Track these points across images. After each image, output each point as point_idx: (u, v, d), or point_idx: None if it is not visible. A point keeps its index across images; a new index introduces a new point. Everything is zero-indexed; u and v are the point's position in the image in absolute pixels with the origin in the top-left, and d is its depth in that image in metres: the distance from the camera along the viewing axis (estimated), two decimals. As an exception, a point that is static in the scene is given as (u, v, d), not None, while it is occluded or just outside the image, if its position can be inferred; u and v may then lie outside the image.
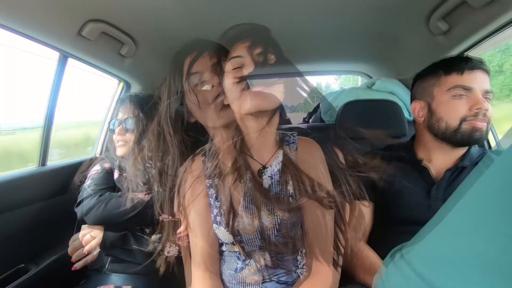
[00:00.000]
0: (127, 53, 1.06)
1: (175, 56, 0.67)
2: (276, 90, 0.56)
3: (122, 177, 0.95)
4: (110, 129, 1.01)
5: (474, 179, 0.22)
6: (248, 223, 0.59)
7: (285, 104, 0.61)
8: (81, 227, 0.89)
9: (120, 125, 0.97)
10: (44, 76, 1.00)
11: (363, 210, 0.82)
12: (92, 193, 0.89)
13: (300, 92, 0.59)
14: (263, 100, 0.54)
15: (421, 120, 0.84)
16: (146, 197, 0.86)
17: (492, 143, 1.15)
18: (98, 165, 0.99)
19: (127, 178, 0.94)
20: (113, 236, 0.88)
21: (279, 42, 0.58)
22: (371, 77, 1.76)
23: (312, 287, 0.58)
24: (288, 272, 0.63)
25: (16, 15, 0.73)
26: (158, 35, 1.04)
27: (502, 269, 0.18)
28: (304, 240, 0.61)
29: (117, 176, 0.96)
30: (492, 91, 0.76)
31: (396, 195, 0.82)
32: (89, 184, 0.92)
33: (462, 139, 0.76)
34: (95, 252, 0.86)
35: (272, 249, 0.61)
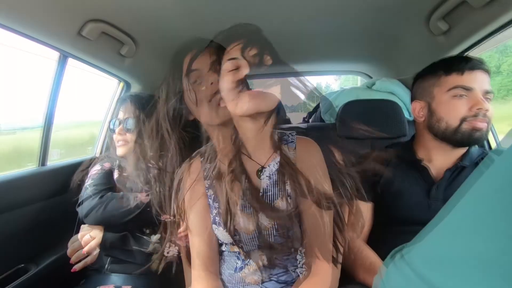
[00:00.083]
0: (127, 53, 1.06)
1: (175, 54, 0.67)
2: (273, 91, 0.55)
3: (122, 177, 0.95)
4: (110, 129, 1.01)
5: (475, 180, 0.22)
6: (247, 223, 0.59)
7: (285, 104, 0.61)
8: (81, 227, 0.90)
9: (121, 125, 0.97)
10: (44, 76, 1.00)
11: (362, 210, 0.82)
12: (93, 194, 0.89)
13: (298, 92, 0.59)
14: (260, 102, 0.54)
15: (421, 120, 0.84)
16: (147, 198, 0.86)
17: (492, 143, 1.15)
18: (99, 165, 0.99)
19: (129, 178, 0.94)
20: (113, 237, 0.88)
21: (279, 42, 0.58)
22: (371, 77, 1.76)
23: (312, 287, 0.58)
24: (288, 272, 0.63)
25: (16, 15, 0.73)
26: (158, 35, 1.04)
27: (502, 269, 0.18)
28: (303, 240, 0.61)
29: (117, 176, 0.96)
30: (493, 91, 0.76)
31: (396, 195, 0.82)
32: (90, 184, 0.92)
33: (462, 139, 0.76)
34: (95, 253, 0.86)
35: (271, 249, 0.60)
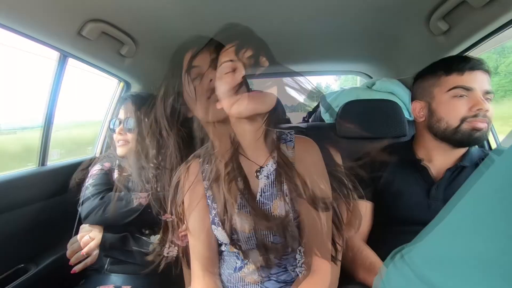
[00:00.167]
0: (127, 53, 1.06)
1: (176, 51, 0.67)
2: (272, 91, 0.55)
3: (122, 177, 0.95)
4: (111, 129, 1.01)
5: (475, 180, 0.22)
6: (245, 224, 0.59)
7: (285, 104, 0.61)
8: (80, 228, 0.89)
9: (121, 125, 0.97)
10: (44, 76, 1.00)
11: (362, 209, 0.82)
12: (94, 194, 0.89)
13: (297, 92, 0.59)
14: (257, 103, 0.54)
15: (421, 120, 0.84)
16: (147, 198, 0.86)
17: (492, 143, 1.15)
18: (99, 164, 0.99)
19: (129, 178, 0.94)
20: (113, 238, 0.88)
21: (279, 42, 0.58)
22: (371, 77, 1.76)
23: (312, 286, 0.58)
24: (287, 271, 0.63)
25: (16, 15, 0.73)
26: (158, 35, 1.04)
27: (503, 270, 0.18)
28: (302, 239, 0.61)
29: (117, 176, 0.96)
30: (493, 92, 0.76)
31: (396, 195, 0.82)
32: (91, 184, 0.92)
33: (462, 139, 0.76)
34: (94, 253, 0.86)
35: (270, 249, 0.60)
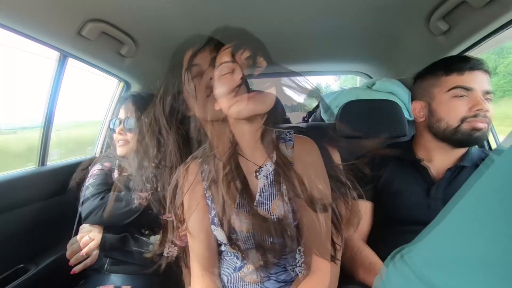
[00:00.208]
0: (127, 53, 1.06)
1: (176, 49, 0.67)
2: (269, 92, 0.55)
3: (122, 177, 0.95)
4: (111, 129, 1.01)
5: (475, 180, 0.22)
6: (245, 224, 0.59)
7: (285, 104, 0.61)
8: (80, 228, 0.89)
9: (121, 125, 0.97)
10: (44, 76, 1.00)
11: (361, 209, 0.82)
12: (94, 194, 0.89)
13: (296, 92, 0.59)
14: (256, 105, 0.54)
15: (421, 120, 0.84)
16: (146, 200, 0.86)
17: (492, 144, 1.15)
18: (99, 164, 0.98)
19: (129, 178, 0.93)
20: (112, 238, 0.88)
21: (279, 42, 0.58)
22: (371, 77, 1.76)
23: (311, 286, 0.58)
24: (287, 271, 0.63)
25: (16, 15, 0.73)
26: (158, 35, 1.04)
27: (503, 270, 0.18)
28: (301, 239, 0.61)
29: (117, 176, 0.96)
30: (493, 92, 0.76)
31: (396, 195, 0.82)
32: (91, 184, 0.92)
33: (462, 139, 0.76)
34: (94, 254, 0.85)
35: (270, 249, 0.60)
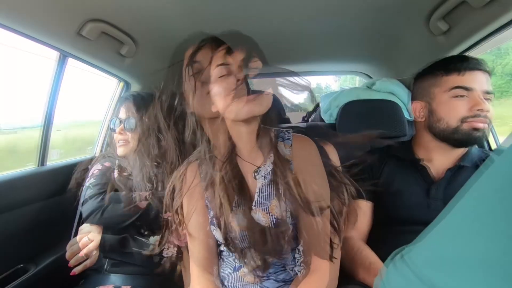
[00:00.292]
0: (127, 53, 1.06)
1: (177, 47, 0.67)
2: (267, 93, 0.55)
3: (122, 177, 0.95)
4: (111, 128, 1.00)
5: (475, 180, 0.22)
6: (244, 224, 0.59)
7: (285, 104, 0.61)
8: (79, 229, 0.89)
9: (121, 124, 0.97)
10: (44, 76, 1.00)
11: (361, 209, 0.82)
12: (94, 194, 0.89)
13: (295, 92, 0.59)
14: (253, 106, 0.54)
15: (421, 120, 0.84)
16: (146, 201, 0.86)
17: (492, 144, 1.15)
18: (99, 164, 0.98)
19: (129, 178, 0.93)
20: (112, 239, 0.87)
21: (279, 42, 0.58)
22: (371, 77, 1.76)
23: (311, 285, 0.58)
24: (286, 270, 0.63)
25: (16, 15, 0.73)
26: (158, 35, 1.04)
27: (503, 270, 0.18)
28: (300, 239, 0.61)
29: (117, 176, 0.96)
30: (493, 92, 0.76)
31: (396, 195, 0.81)
32: (92, 183, 0.92)
33: (462, 139, 0.76)
34: (94, 255, 0.85)
35: (269, 248, 0.60)
